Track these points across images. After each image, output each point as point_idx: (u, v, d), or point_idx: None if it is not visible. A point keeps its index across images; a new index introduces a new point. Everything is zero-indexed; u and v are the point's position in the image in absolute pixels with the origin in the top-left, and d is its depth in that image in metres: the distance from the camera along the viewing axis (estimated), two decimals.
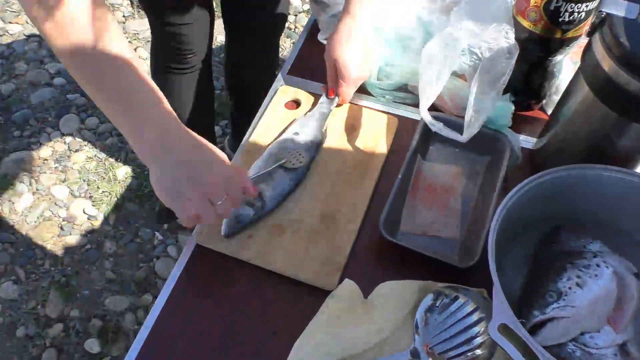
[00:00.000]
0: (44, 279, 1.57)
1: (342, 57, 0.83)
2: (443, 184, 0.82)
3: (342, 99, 0.88)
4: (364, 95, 0.93)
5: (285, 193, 0.79)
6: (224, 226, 0.75)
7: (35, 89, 1.99)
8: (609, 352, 0.62)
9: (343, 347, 0.66)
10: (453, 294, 0.68)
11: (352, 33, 0.83)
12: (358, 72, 0.85)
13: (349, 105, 0.91)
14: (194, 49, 1.22)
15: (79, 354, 1.45)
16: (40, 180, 1.77)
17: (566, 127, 0.76)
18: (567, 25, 0.75)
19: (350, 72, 0.84)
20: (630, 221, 0.70)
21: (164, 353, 0.68)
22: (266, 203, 0.76)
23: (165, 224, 1.66)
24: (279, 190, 0.78)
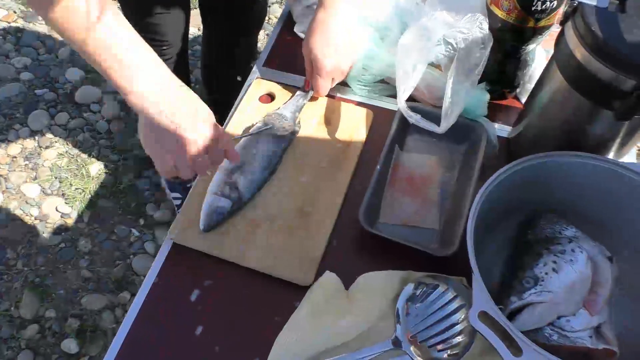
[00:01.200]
0: (17, 280, 1.53)
1: (315, 51, 0.83)
2: (421, 174, 0.82)
3: (317, 92, 0.87)
4: (340, 87, 0.92)
5: (260, 182, 0.79)
6: (202, 220, 0.74)
7: (2, 85, 1.93)
8: (585, 334, 0.64)
9: (325, 339, 0.66)
10: (433, 283, 0.68)
11: (326, 26, 0.82)
12: (333, 66, 0.84)
13: (325, 98, 0.90)
14: (168, 41, 1.19)
15: (56, 355, 1.42)
16: (9, 179, 1.72)
17: (541, 116, 0.77)
18: (540, 14, 0.76)
19: (325, 66, 0.83)
20: (602, 207, 0.72)
21: (143, 351, 0.67)
22: (242, 193, 0.76)
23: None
24: (253, 180, 0.78)
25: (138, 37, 0.61)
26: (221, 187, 0.76)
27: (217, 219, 0.74)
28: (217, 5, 1.28)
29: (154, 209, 1.68)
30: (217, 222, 0.74)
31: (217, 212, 0.74)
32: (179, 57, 1.28)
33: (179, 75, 1.38)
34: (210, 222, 0.74)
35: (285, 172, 0.81)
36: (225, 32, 1.34)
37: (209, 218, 0.74)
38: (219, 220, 0.75)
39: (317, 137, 0.86)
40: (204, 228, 0.74)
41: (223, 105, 1.05)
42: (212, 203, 0.75)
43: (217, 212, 0.74)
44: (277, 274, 0.71)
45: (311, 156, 0.83)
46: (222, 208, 0.75)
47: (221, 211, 0.75)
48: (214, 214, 0.74)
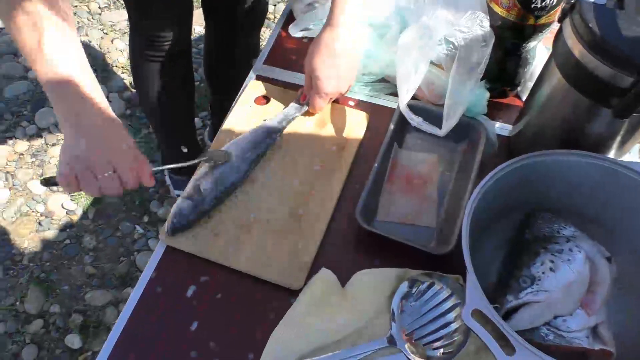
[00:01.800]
0: (22, 275, 1.55)
1: (317, 72, 0.82)
2: (420, 172, 0.82)
3: (312, 108, 0.86)
4: None
5: (226, 186, 0.77)
6: (167, 224, 0.74)
7: (10, 83, 1.95)
8: (582, 334, 0.63)
9: (320, 336, 0.66)
10: (429, 281, 0.68)
11: (331, 46, 0.81)
12: (333, 88, 0.83)
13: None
14: (171, 38, 1.20)
15: (60, 350, 1.44)
16: (16, 176, 1.74)
17: (540, 114, 0.76)
18: (540, 12, 0.75)
19: (325, 87, 0.83)
20: (602, 206, 0.71)
21: (139, 345, 0.68)
22: (204, 196, 0.75)
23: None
24: (218, 183, 0.77)
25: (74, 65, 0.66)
26: (188, 190, 0.76)
27: (181, 222, 0.73)
28: (218, 4, 1.29)
29: (158, 206, 1.69)
30: (181, 225, 0.73)
31: (179, 214, 0.73)
32: (182, 56, 1.28)
33: (182, 72, 1.39)
34: (172, 224, 0.73)
35: (278, 174, 0.81)
36: (225, 31, 1.35)
37: (171, 221, 0.73)
38: (182, 223, 0.73)
39: (312, 140, 0.85)
40: (167, 231, 0.73)
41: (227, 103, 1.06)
42: (177, 205, 0.74)
43: (179, 215, 0.73)
44: (267, 278, 0.71)
45: (305, 159, 0.83)
46: (184, 209, 0.74)
47: (184, 213, 0.73)
48: (175, 217, 0.73)
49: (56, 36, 0.64)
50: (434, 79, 0.85)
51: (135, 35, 1.26)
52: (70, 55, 0.66)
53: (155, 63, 1.26)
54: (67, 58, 0.65)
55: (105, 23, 2.15)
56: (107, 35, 2.12)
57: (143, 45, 1.23)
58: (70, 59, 0.66)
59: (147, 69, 1.27)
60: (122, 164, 0.68)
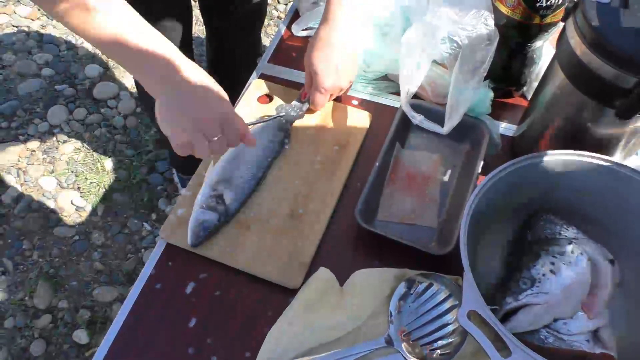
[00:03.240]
0: (32, 270, 1.57)
1: (314, 67, 0.82)
2: (422, 172, 0.82)
3: (313, 105, 0.86)
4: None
5: (247, 193, 0.78)
6: (189, 236, 0.73)
7: (23, 80, 1.98)
8: (582, 338, 0.62)
9: (318, 335, 0.66)
10: (427, 282, 0.68)
11: (329, 43, 0.81)
12: (332, 83, 0.83)
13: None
14: (171, 38, 1.20)
15: (68, 345, 1.45)
16: (28, 172, 1.77)
17: (544, 114, 0.75)
18: (545, 11, 0.74)
19: (324, 82, 0.82)
20: (605, 208, 0.70)
21: (138, 341, 0.68)
22: (228, 206, 0.75)
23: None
24: (240, 192, 0.77)
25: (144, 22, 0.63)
26: (207, 201, 0.75)
27: (204, 234, 0.73)
28: (215, 5, 1.29)
29: (166, 203, 1.70)
30: (205, 237, 0.73)
31: (203, 226, 0.73)
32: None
33: None
34: (197, 237, 0.73)
35: (279, 174, 0.81)
36: (224, 31, 1.35)
37: (195, 233, 0.73)
38: (206, 235, 0.73)
39: (313, 139, 0.85)
40: (192, 243, 0.72)
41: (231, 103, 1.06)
42: (198, 217, 0.73)
43: (203, 227, 0.73)
44: (266, 276, 0.71)
45: (306, 158, 0.83)
46: (208, 222, 0.73)
47: (208, 225, 0.73)
48: (200, 229, 0.73)
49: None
50: (437, 78, 0.84)
51: None
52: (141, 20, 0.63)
53: None
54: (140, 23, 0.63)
55: None
56: None
57: None
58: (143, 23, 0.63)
59: None
60: (229, 125, 0.66)
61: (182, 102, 0.64)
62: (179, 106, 0.64)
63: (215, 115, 0.65)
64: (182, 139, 0.65)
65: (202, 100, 0.65)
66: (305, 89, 0.87)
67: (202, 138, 0.65)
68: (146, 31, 0.63)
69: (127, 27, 0.62)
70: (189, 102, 0.64)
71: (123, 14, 0.62)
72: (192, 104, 0.64)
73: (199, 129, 0.64)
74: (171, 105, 0.64)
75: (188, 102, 0.64)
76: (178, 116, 0.64)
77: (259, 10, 1.34)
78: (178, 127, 0.65)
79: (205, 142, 0.65)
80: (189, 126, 0.64)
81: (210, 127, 0.65)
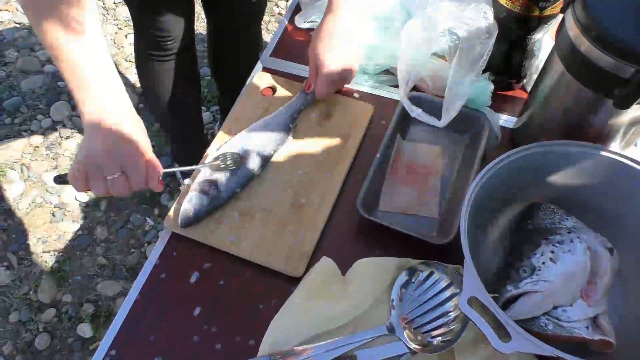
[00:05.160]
0: (36, 265, 1.58)
1: (320, 57, 0.83)
2: (423, 164, 0.82)
3: (318, 95, 0.87)
4: None
5: (242, 183, 0.78)
6: (180, 216, 0.74)
7: (26, 76, 1.99)
8: (581, 325, 0.63)
9: (320, 323, 0.67)
10: (428, 270, 0.69)
11: (333, 33, 0.82)
12: (336, 72, 0.84)
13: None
14: (172, 35, 1.21)
15: (72, 339, 1.46)
16: (31, 167, 1.78)
17: (543, 106, 0.76)
18: (545, 3, 0.75)
19: (328, 72, 0.83)
20: (604, 198, 0.71)
21: (144, 328, 0.69)
22: (220, 191, 0.76)
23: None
24: (234, 180, 0.78)
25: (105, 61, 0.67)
26: (201, 184, 0.76)
27: (194, 216, 0.74)
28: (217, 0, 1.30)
29: (169, 199, 1.71)
30: (194, 219, 0.74)
31: (194, 208, 0.74)
32: (184, 52, 1.29)
33: (186, 70, 1.41)
34: (186, 218, 0.74)
35: (282, 164, 0.82)
36: (226, 25, 1.35)
37: (185, 215, 0.74)
38: (197, 216, 0.74)
39: (316, 131, 0.86)
40: (181, 224, 0.74)
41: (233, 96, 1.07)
42: (191, 199, 0.75)
43: (194, 209, 0.74)
44: (268, 265, 0.72)
45: (309, 149, 0.84)
46: (199, 205, 0.74)
47: (198, 208, 0.74)
48: (190, 211, 0.74)
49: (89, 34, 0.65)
50: (438, 71, 0.85)
51: (139, 35, 1.27)
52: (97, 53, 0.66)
53: (160, 62, 1.27)
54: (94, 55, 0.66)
55: (119, 18, 2.18)
56: (121, 30, 2.15)
57: (147, 45, 1.24)
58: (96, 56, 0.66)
59: (152, 68, 1.29)
60: (132, 167, 0.68)
61: (87, 141, 0.66)
62: (85, 144, 0.67)
63: (118, 157, 0.67)
64: (78, 173, 0.67)
65: (106, 138, 0.66)
66: (309, 80, 0.88)
67: (98, 175, 0.67)
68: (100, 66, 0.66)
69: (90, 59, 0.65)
70: (92, 140, 0.66)
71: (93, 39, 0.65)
72: (95, 142, 0.66)
73: (96, 167, 0.66)
74: (83, 145, 0.67)
75: (92, 140, 0.66)
76: (81, 152, 0.67)
77: (259, 4, 1.35)
78: (78, 163, 0.67)
79: (101, 179, 0.67)
80: (86, 161, 0.66)
81: (108, 164, 0.66)
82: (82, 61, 0.65)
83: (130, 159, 0.68)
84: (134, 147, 0.68)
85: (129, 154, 0.68)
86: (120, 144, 0.67)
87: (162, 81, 1.30)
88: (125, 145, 0.68)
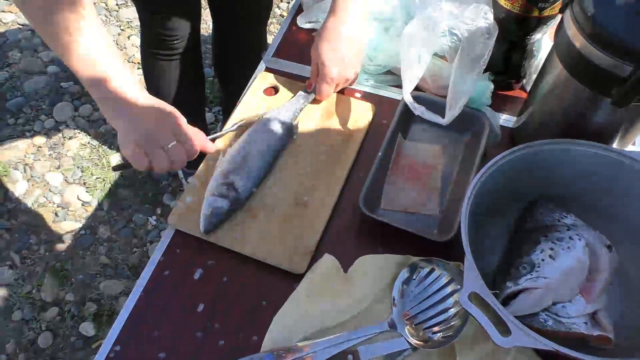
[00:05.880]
0: (39, 264, 1.59)
1: (321, 57, 0.84)
2: (424, 162, 0.83)
3: (319, 95, 0.88)
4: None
5: (257, 181, 0.79)
6: (202, 222, 0.75)
7: (29, 77, 2.00)
8: (580, 320, 0.64)
9: (322, 319, 0.68)
10: (429, 267, 0.69)
11: (336, 33, 0.83)
12: (338, 73, 0.85)
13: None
14: (178, 35, 1.22)
15: (75, 337, 1.47)
16: (34, 167, 1.79)
17: (543, 105, 0.77)
18: (544, 4, 0.76)
19: (330, 73, 0.84)
20: (603, 196, 0.71)
21: (148, 324, 0.70)
22: (240, 193, 0.77)
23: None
24: (250, 179, 0.79)
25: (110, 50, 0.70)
26: (218, 188, 0.77)
27: (216, 220, 0.75)
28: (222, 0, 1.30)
29: (171, 198, 1.72)
30: (217, 223, 0.75)
31: (215, 213, 0.75)
32: (190, 52, 1.30)
33: (191, 70, 1.41)
34: (209, 223, 0.74)
35: (285, 163, 0.83)
36: (231, 26, 1.36)
37: (207, 220, 0.74)
38: (219, 221, 0.75)
39: (318, 130, 0.87)
40: (204, 229, 0.74)
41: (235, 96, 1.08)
42: (210, 204, 0.75)
43: (215, 213, 0.75)
44: (272, 262, 0.73)
45: (311, 148, 0.84)
46: (220, 208, 0.75)
47: (219, 212, 0.75)
48: (212, 216, 0.74)
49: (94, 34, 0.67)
50: (438, 71, 0.86)
51: (145, 34, 1.28)
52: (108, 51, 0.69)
53: (165, 61, 1.28)
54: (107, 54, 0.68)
55: (122, 20, 2.20)
56: (123, 32, 2.16)
57: (153, 45, 1.26)
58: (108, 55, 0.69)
59: (157, 67, 1.30)
60: (182, 134, 0.72)
61: (134, 123, 0.70)
62: (132, 127, 0.69)
63: (166, 125, 0.71)
64: (137, 152, 0.69)
65: (149, 116, 0.70)
66: (311, 79, 0.89)
67: (157, 148, 0.70)
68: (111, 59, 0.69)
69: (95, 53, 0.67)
70: (139, 121, 0.70)
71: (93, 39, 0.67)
72: (141, 122, 0.70)
73: (152, 140, 0.69)
74: (126, 129, 0.70)
75: (138, 121, 0.70)
76: (132, 134, 0.69)
77: (265, 5, 1.36)
78: (133, 144, 0.69)
79: (161, 151, 0.70)
80: (142, 140, 0.69)
81: (162, 135, 0.70)
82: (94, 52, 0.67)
83: (178, 127, 0.72)
84: (176, 116, 0.72)
85: (176, 122, 0.72)
86: (164, 116, 0.71)
87: (167, 80, 1.31)
88: (169, 117, 0.72)
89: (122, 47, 2.11)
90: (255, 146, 0.81)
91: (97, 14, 0.69)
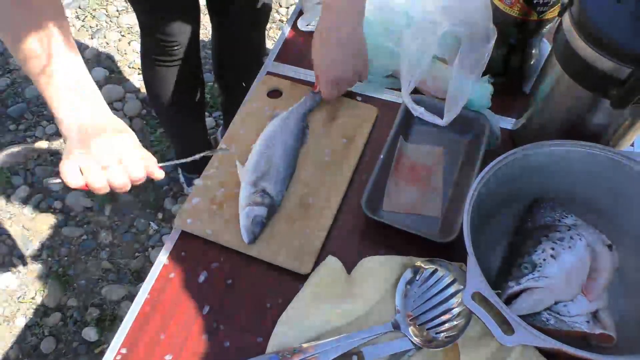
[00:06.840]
0: (41, 270, 1.59)
1: (317, 61, 0.83)
2: (425, 164, 0.84)
3: (323, 96, 0.88)
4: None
5: (286, 182, 0.81)
6: (244, 234, 0.75)
7: (30, 83, 2.01)
8: (582, 319, 0.65)
9: (327, 321, 0.69)
10: (432, 268, 0.70)
11: (330, 33, 0.80)
12: (336, 76, 0.84)
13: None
14: (178, 41, 1.23)
15: (77, 342, 1.47)
16: (36, 173, 1.79)
17: (542, 107, 0.78)
18: (542, 7, 0.77)
19: (328, 75, 0.84)
20: (603, 196, 0.72)
21: (153, 327, 0.71)
22: (273, 197, 0.78)
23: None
24: (279, 182, 0.80)
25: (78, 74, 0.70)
26: (252, 197, 0.77)
27: (258, 229, 0.75)
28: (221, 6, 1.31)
29: (172, 203, 1.73)
30: (259, 232, 0.75)
31: (255, 221, 0.75)
32: (190, 57, 1.31)
33: (191, 76, 1.41)
34: (252, 233, 0.75)
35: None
36: (231, 31, 1.37)
37: (249, 230, 0.75)
38: (260, 230, 0.75)
39: (322, 132, 0.88)
40: (248, 241, 0.75)
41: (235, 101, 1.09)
42: (248, 214, 0.76)
43: (255, 222, 0.75)
44: (276, 263, 0.74)
45: (316, 150, 0.85)
46: (259, 217, 0.75)
47: (259, 219, 0.75)
48: (253, 225, 0.75)
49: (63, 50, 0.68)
50: (438, 73, 0.87)
51: (145, 40, 1.29)
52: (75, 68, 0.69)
53: (165, 67, 1.29)
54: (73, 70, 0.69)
55: (122, 25, 2.21)
56: (124, 38, 2.17)
57: (153, 51, 1.26)
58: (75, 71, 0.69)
59: (158, 73, 1.31)
60: (129, 156, 0.69)
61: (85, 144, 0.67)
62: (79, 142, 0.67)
63: (113, 145, 0.68)
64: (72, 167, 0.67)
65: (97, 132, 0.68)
66: (315, 80, 0.89)
67: (95, 167, 0.67)
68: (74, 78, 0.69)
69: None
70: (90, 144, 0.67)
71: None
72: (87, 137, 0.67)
73: (91, 158, 0.67)
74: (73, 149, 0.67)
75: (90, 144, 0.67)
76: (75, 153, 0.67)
77: (264, 10, 1.37)
78: (73, 160, 0.67)
79: (100, 171, 0.67)
80: (80, 156, 0.67)
81: (104, 156, 0.67)
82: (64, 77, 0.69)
83: (128, 151, 0.69)
84: (129, 139, 0.70)
85: (127, 148, 0.69)
86: (115, 135, 0.69)
87: (167, 86, 1.32)
88: (120, 138, 0.69)
89: (122, 53, 2.12)
90: (276, 149, 0.82)
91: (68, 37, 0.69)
